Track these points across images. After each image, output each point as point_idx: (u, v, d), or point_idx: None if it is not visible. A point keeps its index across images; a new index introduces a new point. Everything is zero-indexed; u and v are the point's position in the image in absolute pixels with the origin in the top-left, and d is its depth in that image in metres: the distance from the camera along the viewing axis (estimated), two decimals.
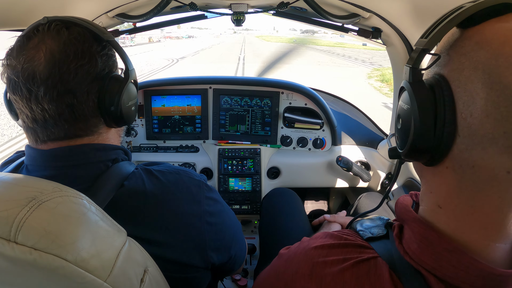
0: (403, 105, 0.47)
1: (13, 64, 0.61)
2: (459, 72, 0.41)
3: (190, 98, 1.80)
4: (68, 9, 1.07)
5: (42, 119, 0.62)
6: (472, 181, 0.41)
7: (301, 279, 0.53)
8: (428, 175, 0.49)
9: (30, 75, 0.60)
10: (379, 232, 0.56)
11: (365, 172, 1.70)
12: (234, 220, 0.89)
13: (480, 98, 0.38)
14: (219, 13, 1.41)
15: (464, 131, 0.40)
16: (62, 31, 0.63)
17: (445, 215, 0.45)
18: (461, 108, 0.40)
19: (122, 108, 0.70)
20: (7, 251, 0.42)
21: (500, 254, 0.44)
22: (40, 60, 0.60)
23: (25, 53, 0.61)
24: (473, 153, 0.40)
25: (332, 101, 2.24)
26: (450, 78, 0.42)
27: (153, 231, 0.67)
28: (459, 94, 0.40)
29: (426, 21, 1.05)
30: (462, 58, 0.41)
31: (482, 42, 0.39)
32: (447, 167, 0.44)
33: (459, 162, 0.42)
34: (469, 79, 0.39)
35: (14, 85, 0.61)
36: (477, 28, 0.41)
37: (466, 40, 0.41)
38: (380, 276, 0.47)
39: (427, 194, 0.49)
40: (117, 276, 0.49)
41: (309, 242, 0.58)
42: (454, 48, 0.43)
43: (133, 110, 0.76)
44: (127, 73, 0.72)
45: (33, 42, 0.61)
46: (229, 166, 1.78)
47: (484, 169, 0.40)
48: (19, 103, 0.63)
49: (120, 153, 0.73)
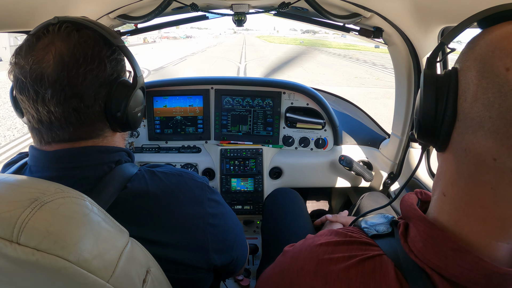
0: (420, 92, 0.50)
1: (21, 63, 0.61)
2: (464, 63, 0.44)
3: (192, 98, 1.80)
4: (70, 10, 1.07)
5: (47, 120, 0.62)
6: (466, 166, 0.43)
7: (306, 276, 0.53)
8: (439, 162, 0.51)
9: (38, 77, 0.59)
10: (384, 229, 0.56)
11: (368, 171, 1.69)
12: (236, 222, 0.90)
13: (473, 84, 0.41)
14: (220, 14, 1.41)
15: (460, 115, 0.43)
16: (73, 34, 0.63)
17: (447, 203, 0.46)
18: (460, 93, 0.44)
19: (129, 114, 0.70)
20: (10, 252, 0.42)
21: (504, 253, 0.44)
22: (49, 62, 0.60)
23: (34, 54, 0.60)
24: (465, 136, 0.42)
25: (334, 101, 2.24)
26: (459, 68, 0.45)
27: (155, 232, 0.67)
28: (461, 82, 0.44)
29: (427, 21, 1.05)
30: (470, 51, 0.44)
31: (487, 38, 0.42)
32: (450, 152, 0.46)
33: (456, 146, 0.44)
34: (469, 68, 0.43)
35: (21, 85, 0.61)
36: (492, 28, 0.44)
37: (479, 38, 0.45)
38: (385, 274, 0.47)
39: (436, 182, 0.51)
40: (119, 276, 0.49)
41: (314, 239, 0.58)
42: (469, 44, 0.46)
43: (139, 116, 0.75)
44: (135, 79, 0.72)
45: (43, 43, 0.61)
46: (231, 166, 1.78)
47: (474, 153, 0.41)
48: (25, 103, 0.63)
49: (123, 154, 0.73)
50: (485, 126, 0.40)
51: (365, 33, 1.34)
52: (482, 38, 0.44)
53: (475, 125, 0.41)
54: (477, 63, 0.41)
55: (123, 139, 0.78)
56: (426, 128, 0.47)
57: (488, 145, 0.39)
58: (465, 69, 0.43)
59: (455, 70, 0.45)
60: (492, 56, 0.40)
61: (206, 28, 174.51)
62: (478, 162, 0.41)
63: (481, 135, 0.40)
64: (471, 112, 0.41)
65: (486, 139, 0.40)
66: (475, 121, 0.41)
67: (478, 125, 0.40)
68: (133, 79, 0.72)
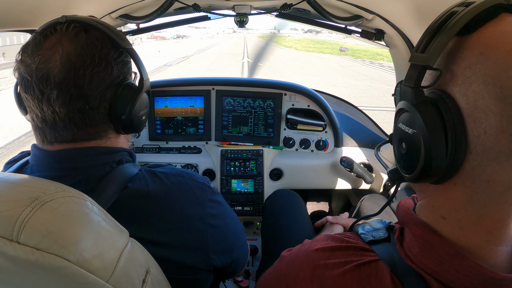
0: (406, 129, 0.45)
1: (27, 61, 0.60)
2: (466, 88, 0.39)
3: (193, 99, 1.80)
4: (72, 10, 1.07)
5: (51, 120, 0.62)
6: (486, 195, 0.41)
7: (302, 282, 0.52)
8: (430, 190, 0.48)
9: (44, 76, 0.59)
10: (381, 235, 0.55)
11: (368, 173, 1.69)
12: (237, 223, 0.89)
13: (494, 114, 0.36)
14: (222, 15, 1.42)
15: (477, 148, 0.39)
16: (80, 34, 0.63)
17: (449, 224, 0.45)
18: (471, 126, 0.39)
19: (133, 118, 0.70)
20: (10, 251, 0.42)
21: (502, 257, 0.44)
22: (55, 62, 0.60)
23: (41, 53, 0.60)
24: (487, 169, 0.39)
25: (335, 103, 2.23)
26: (455, 94, 0.40)
27: (155, 232, 0.67)
28: (469, 111, 0.39)
29: (429, 23, 1.04)
30: (467, 71, 0.39)
31: (486, 52, 0.37)
32: (455, 183, 0.43)
33: (471, 178, 0.41)
34: (479, 94, 0.37)
35: (26, 84, 0.61)
36: (476, 35, 0.39)
37: (468, 51, 0.39)
38: (381, 280, 0.47)
39: (427, 208, 0.49)
40: (119, 276, 0.49)
41: (310, 245, 0.58)
42: (455, 61, 0.41)
43: (144, 119, 0.75)
44: (142, 83, 0.71)
45: (50, 42, 0.61)
46: (232, 167, 1.78)
47: (500, 183, 0.39)
48: (30, 102, 0.62)
49: (125, 154, 0.73)
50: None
51: (366, 35, 1.34)
52: (471, 50, 0.39)
53: (503, 156, 0.37)
54: (491, 88, 0.36)
55: (127, 140, 0.78)
56: (431, 170, 0.42)
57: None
58: (471, 96, 0.38)
59: (450, 98, 0.40)
60: (507, 77, 0.35)
61: (204, 28, 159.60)
62: (503, 189, 0.39)
63: (511, 164, 0.37)
64: (497, 144, 0.37)
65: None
66: (503, 153, 0.37)
67: (507, 156, 0.37)
68: (139, 82, 0.72)
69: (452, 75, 0.41)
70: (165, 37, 65.03)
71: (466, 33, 0.40)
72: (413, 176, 0.45)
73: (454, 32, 0.39)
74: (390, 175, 0.52)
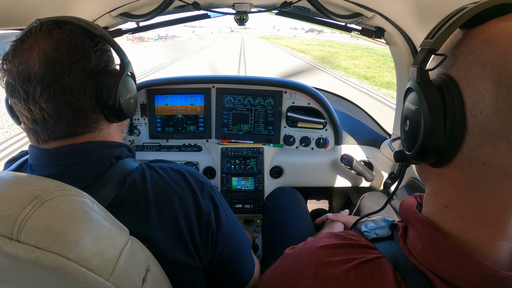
0: (411, 106, 0.47)
1: (9, 68, 0.62)
2: (467, 71, 0.41)
3: (193, 97, 1.80)
4: (71, 9, 1.07)
5: (41, 119, 0.63)
6: (482, 179, 0.41)
7: (305, 279, 0.53)
8: (434, 177, 0.49)
9: (26, 77, 0.60)
10: (384, 233, 0.56)
11: (368, 171, 1.69)
12: (235, 222, 0.89)
13: (490, 95, 0.39)
14: (222, 13, 1.41)
15: (474, 129, 0.40)
16: (54, 30, 0.64)
17: (452, 214, 0.45)
18: (470, 106, 0.41)
19: (121, 102, 0.70)
20: (10, 249, 0.42)
21: (504, 253, 0.44)
22: (34, 60, 0.61)
23: (20, 56, 0.61)
24: (483, 150, 0.40)
25: (335, 101, 2.23)
26: (457, 77, 0.42)
27: (153, 228, 0.67)
28: (468, 93, 0.41)
29: (429, 21, 1.04)
30: (469, 57, 0.41)
31: (488, 41, 0.40)
32: (455, 166, 0.44)
33: (469, 161, 0.42)
34: (478, 77, 0.40)
35: (11, 88, 0.62)
36: (482, 27, 0.42)
37: (472, 40, 0.42)
38: (384, 277, 0.47)
39: (432, 196, 0.49)
40: (119, 275, 0.49)
41: (314, 242, 0.58)
42: (459, 48, 0.43)
43: (132, 102, 0.76)
44: (123, 65, 0.72)
45: (27, 44, 0.62)
46: (232, 165, 1.78)
47: (495, 166, 0.40)
48: (18, 105, 0.63)
49: (124, 150, 0.73)
50: (510, 138, 0.38)
51: (367, 33, 1.34)
52: (475, 38, 0.42)
53: (497, 138, 0.39)
54: (489, 71, 0.39)
55: (121, 131, 0.78)
56: (429, 147, 0.44)
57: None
58: (471, 78, 0.41)
59: (452, 80, 0.43)
60: (505, 62, 0.38)
61: (201, 27, 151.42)
62: (500, 174, 0.40)
63: (505, 147, 0.38)
64: (492, 125, 0.39)
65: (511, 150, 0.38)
66: (498, 134, 0.38)
67: (502, 138, 0.38)
68: (120, 66, 0.72)
69: (455, 61, 0.44)
70: (143, 38, 51.10)
71: (473, 26, 0.43)
72: (413, 153, 0.47)
73: (460, 22, 0.42)
74: (396, 156, 0.54)
